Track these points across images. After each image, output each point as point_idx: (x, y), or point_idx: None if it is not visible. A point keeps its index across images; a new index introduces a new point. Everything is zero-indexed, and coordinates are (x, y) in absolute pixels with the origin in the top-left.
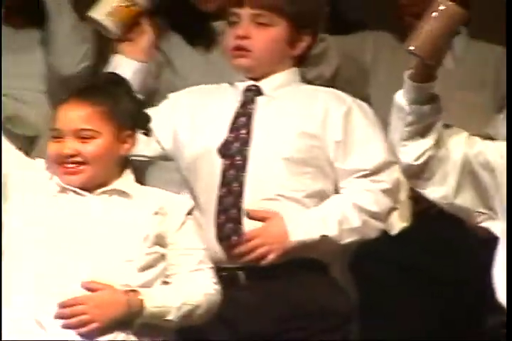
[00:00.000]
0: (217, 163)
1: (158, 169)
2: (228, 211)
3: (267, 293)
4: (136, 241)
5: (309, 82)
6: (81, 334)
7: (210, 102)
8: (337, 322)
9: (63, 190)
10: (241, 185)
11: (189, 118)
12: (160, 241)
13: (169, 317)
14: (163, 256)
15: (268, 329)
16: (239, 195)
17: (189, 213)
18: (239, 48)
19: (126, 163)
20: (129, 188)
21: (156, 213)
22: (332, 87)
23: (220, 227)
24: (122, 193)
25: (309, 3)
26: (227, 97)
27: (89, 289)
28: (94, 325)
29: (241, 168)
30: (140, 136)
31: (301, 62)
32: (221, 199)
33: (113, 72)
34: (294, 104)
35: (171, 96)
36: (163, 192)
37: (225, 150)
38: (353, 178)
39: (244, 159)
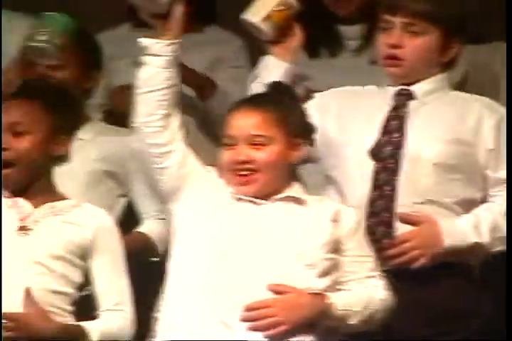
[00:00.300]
0: (369, 166)
1: None
2: (380, 214)
3: (416, 295)
4: (315, 247)
5: None
6: (269, 337)
7: (358, 104)
8: (484, 323)
9: (238, 198)
10: (393, 188)
11: (337, 119)
12: (335, 248)
13: (351, 321)
14: (336, 263)
15: (419, 332)
16: (391, 198)
17: (359, 221)
18: (391, 57)
19: (294, 172)
20: (302, 196)
21: (332, 220)
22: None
23: (370, 230)
24: (298, 200)
25: (459, 12)
26: (375, 100)
27: (276, 292)
28: (282, 328)
29: (393, 172)
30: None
31: (449, 67)
32: (372, 202)
33: (280, 81)
34: (445, 110)
35: (317, 95)
36: (329, 200)
37: (377, 153)
38: (504, 187)
39: (397, 162)
